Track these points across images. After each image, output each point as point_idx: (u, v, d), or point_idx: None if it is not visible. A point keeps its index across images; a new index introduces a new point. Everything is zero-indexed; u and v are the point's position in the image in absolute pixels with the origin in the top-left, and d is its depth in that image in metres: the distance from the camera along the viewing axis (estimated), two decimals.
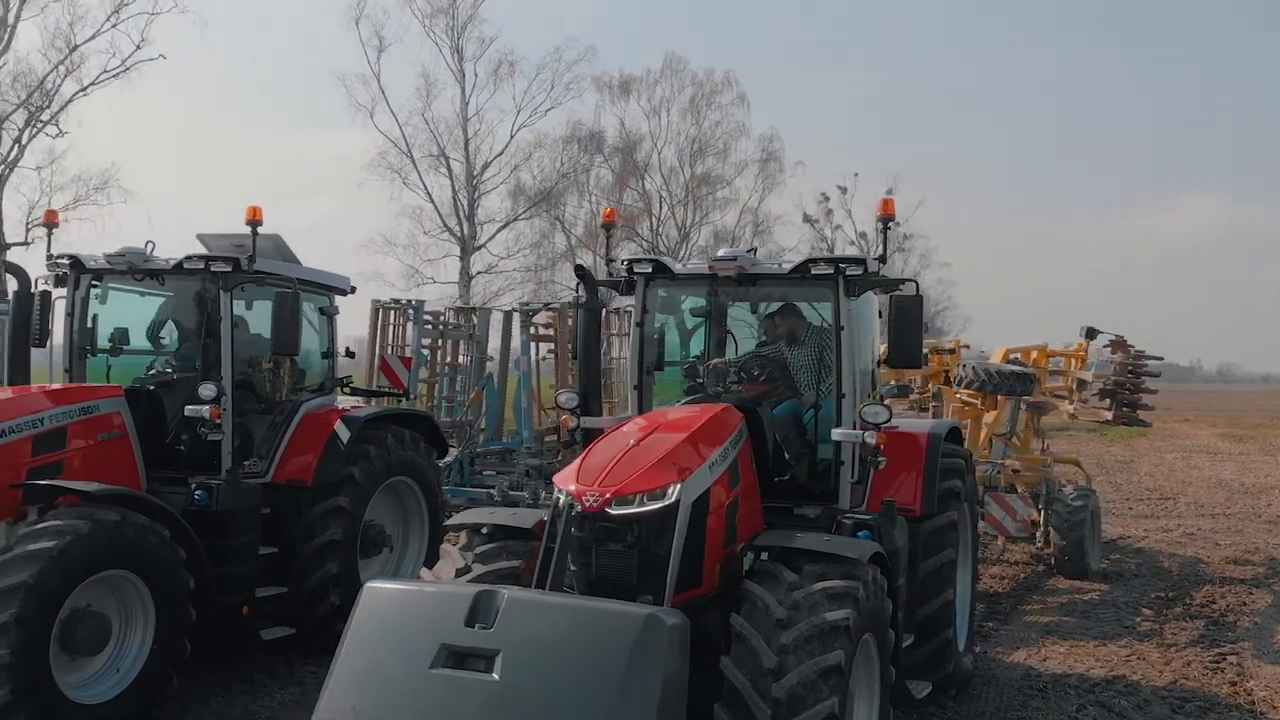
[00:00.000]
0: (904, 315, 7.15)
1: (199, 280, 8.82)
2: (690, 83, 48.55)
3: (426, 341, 15.03)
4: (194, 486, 8.41)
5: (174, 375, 9.24)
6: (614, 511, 5.71)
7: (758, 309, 8.48)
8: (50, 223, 9.79)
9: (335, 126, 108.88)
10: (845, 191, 60.09)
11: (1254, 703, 8.52)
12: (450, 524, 6.96)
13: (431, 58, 48.89)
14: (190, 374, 9.05)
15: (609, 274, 7.99)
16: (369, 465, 9.43)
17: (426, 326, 14.94)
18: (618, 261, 7.90)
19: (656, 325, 8.05)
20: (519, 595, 4.99)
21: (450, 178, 41.63)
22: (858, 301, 7.78)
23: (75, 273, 9.05)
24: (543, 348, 15.13)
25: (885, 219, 7.49)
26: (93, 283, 9.13)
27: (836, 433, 7.24)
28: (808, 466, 7.64)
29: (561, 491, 5.87)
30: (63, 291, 9.10)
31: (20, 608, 6.52)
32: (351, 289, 10.26)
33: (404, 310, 15.04)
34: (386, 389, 13.01)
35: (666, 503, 5.81)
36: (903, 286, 7.48)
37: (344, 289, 10.13)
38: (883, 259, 7.42)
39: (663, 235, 49.27)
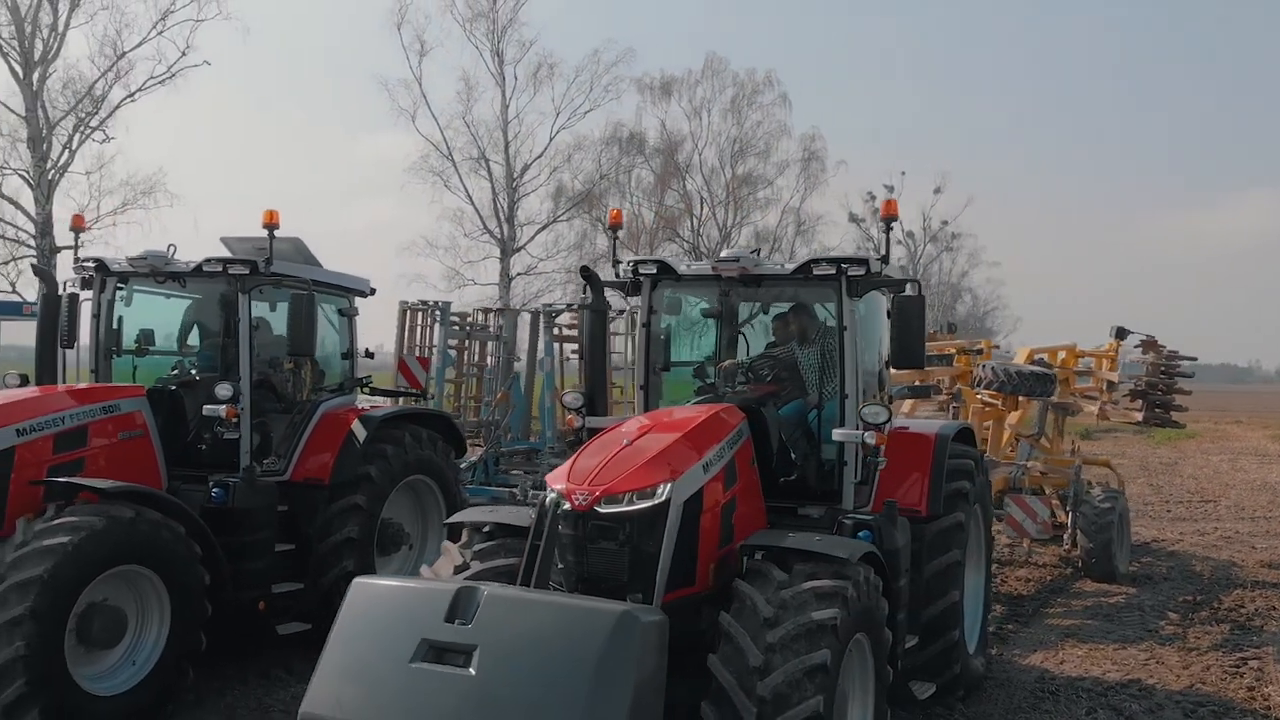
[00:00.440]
0: (906, 316, 7.16)
1: (218, 282, 9.01)
2: (731, 83, 48.51)
3: (453, 342, 15.19)
4: (211, 484, 8.60)
5: (196, 375, 9.44)
6: (603, 510, 5.77)
7: (768, 309, 8.50)
8: (77, 227, 10.06)
9: (389, 130, 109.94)
10: (892, 190, 59.97)
11: (1270, 708, 8.40)
12: (450, 521, 7.05)
13: (472, 61, 49.28)
14: (211, 374, 9.24)
15: (616, 275, 8.06)
16: (386, 464, 9.57)
17: (453, 327, 15.10)
18: (624, 263, 7.98)
19: (663, 326, 8.10)
20: (498, 592, 5.07)
21: (490, 180, 41.93)
22: (862, 301, 7.79)
23: (100, 276, 9.29)
24: (567, 348, 15.22)
25: (888, 219, 7.50)
26: (117, 285, 9.36)
27: (837, 433, 7.26)
28: (813, 467, 7.66)
29: (551, 490, 5.95)
30: (89, 294, 9.35)
31: (35, 601, 6.72)
32: (371, 290, 10.41)
33: (431, 311, 15.23)
34: (406, 389, 13.18)
35: (656, 502, 5.85)
36: (906, 287, 7.49)
37: (363, 291, 10.28)
38: (885, 259, 7.42)
39: (704, 236, 49.27)
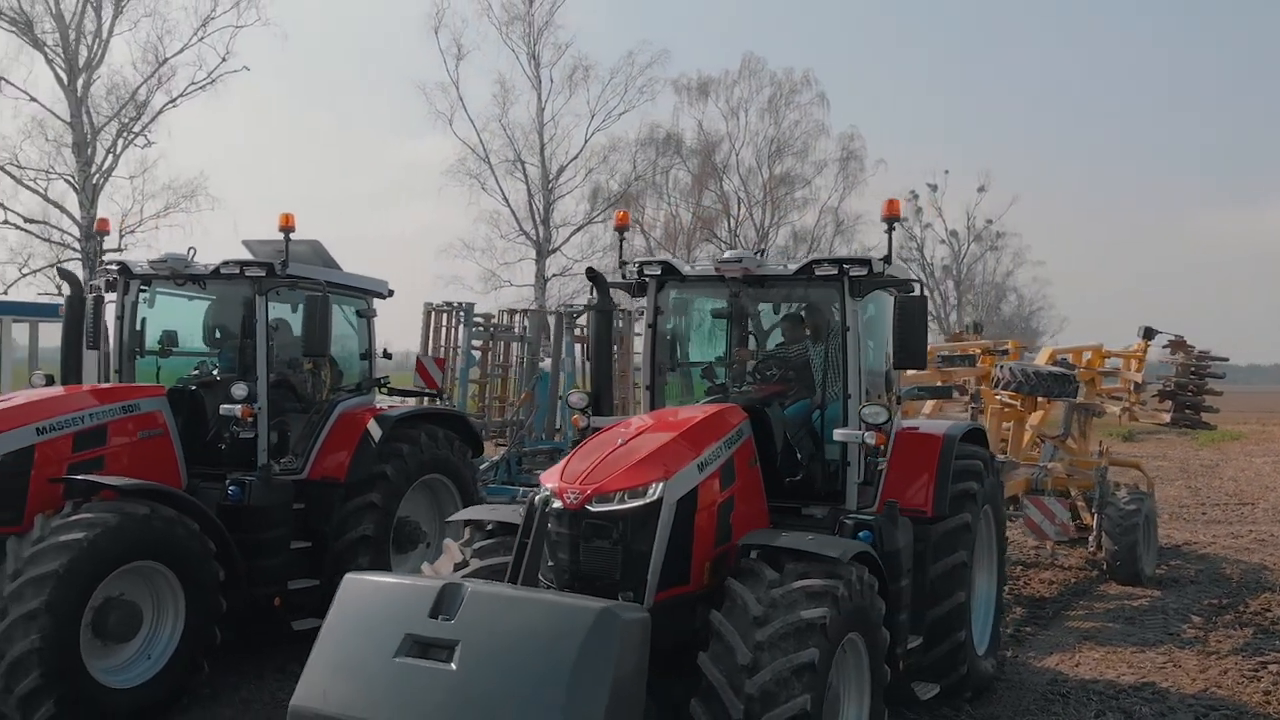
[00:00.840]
0: (907, 316, 7.15)
1: (235, 284, 9.19)
2: (769, 83, 48.51)
3: (478, 343, 15.34)
4: (228, 482, 8.77)
5: (217, 375, 9.63)
6: (594, 509, 5.84)
7: (779, 309, 8.52)
8: (101, 231, 10.28)
9: (429, 135, 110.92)
10: (935, 189, 59.61)
11: None
12: (451, 519, 7.15)
13: (508, 65, 49.55)
14: (232, 374, 9.42)
15: (622, 276, 8.13)
16: (401, 463, 9.69)
17: (477, 328, 15.26)
18: (630, 264, 8.04)
19: (669, 326, 8.16)
20: (482, 589, 5.15)
21: (526, 182, 42.21)
22: (871, 302, 7.80)
23: (124, 278, 9.50)
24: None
25: (890, 219, 7.49)
26: (140, 288, 9.57)
27: (838, 433, 7.28)
28: (817, 467, 7.67)
29: (544, 488, 6.02)
30: (114, 296, 9.57)
31: (50, 595, 6.92)
32: (389, 292, 10.55)
33: (455, 313, 15.39)
34: (424, 389, 13.33)
35: (648, 500, 5.91)
36: (909, 288, 7.48)
37: (381, 292, 10.42)
38: (888, 259, 7.42)
39: (741, 237, 49.21)
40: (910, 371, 12.25)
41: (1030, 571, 13.45)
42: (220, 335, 9.77)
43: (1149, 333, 14.74)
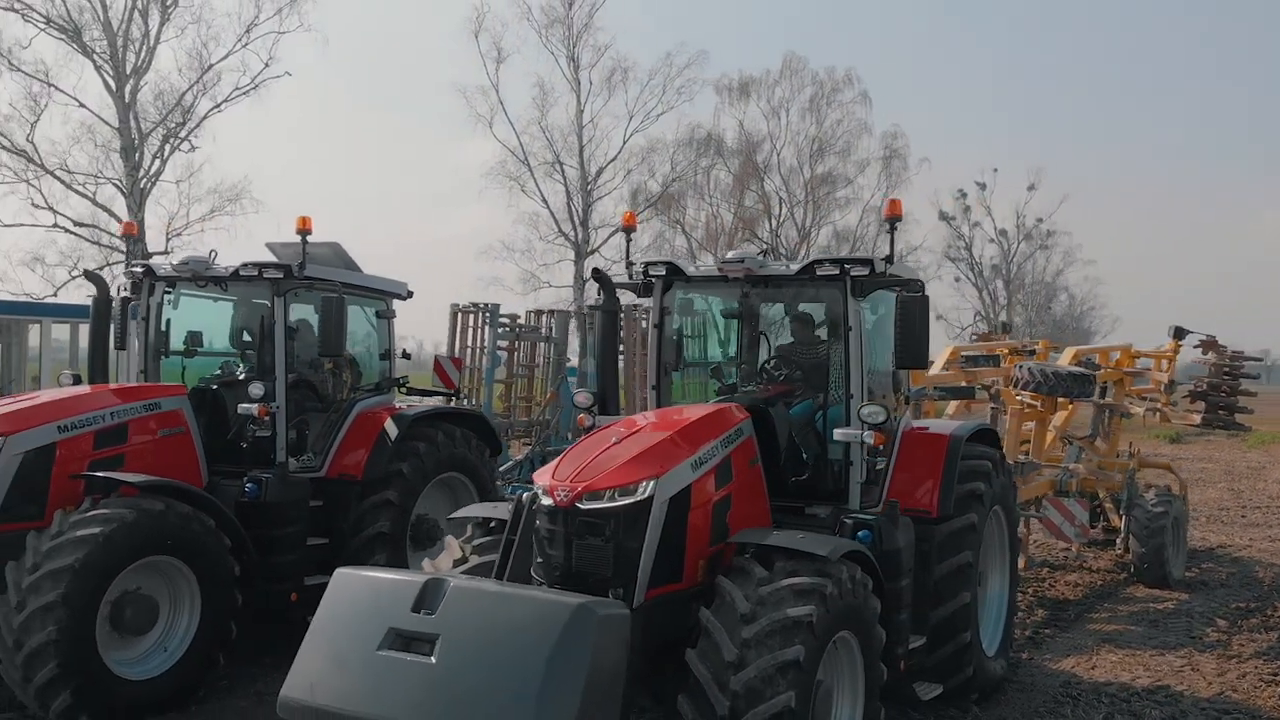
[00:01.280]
0: (908, 316, 7.15)
1: (255, 286, 9.38)
2: (810, 82, 48.33)
3: (503, 344, 15.49)
4: (245, 480, 8.96)
5: (240, 375, 9.83)
6: (584, 506, 5.91)
7: (791, 309, 8.55)
8: (128, 234, 10.54)
9: (472, 138, 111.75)
10: (984, 188, 59.04)
11: None
12: (453, 517, 7.25)
13: (548, 67, 49.76)
14: (253, 374, 9.61)
15: (628, 277, 8.21)
16: (418, 461, 9.84)
17: (503, 329, 15.40)
18: (635, 264, 8.12)
19: (674, 326, 8.22)
20: (463, 584, 5.25)
21: (565, 184, 42.41)
22: (879, 302, 7.81)
23: (149, 280, 9.73)
24: None
25: (892, 219, 7.50)
26: (165, 289, 9.79)
27: (839, 433, 7.30)
28: (821, 466, 7.69)
29: (536, 486, 6.10)
30: (139, 298, 9.81)
31: (67, 588, 7.12)
32: (409, 294, 10.70)
33: (481, 313, 15.55)
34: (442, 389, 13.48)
35: (638, 498, 5.97)
36: (912, 287, 7.48)
37: (400, 294, 10.58)
38: (889, 259, 7.42)
39: (782, 237, 49.11)
40: (933, 371, 12.25)
41: (1057, 574, 13.33)
42: (243, 336, 9.97)
43: (1179, 332, 14.53)
